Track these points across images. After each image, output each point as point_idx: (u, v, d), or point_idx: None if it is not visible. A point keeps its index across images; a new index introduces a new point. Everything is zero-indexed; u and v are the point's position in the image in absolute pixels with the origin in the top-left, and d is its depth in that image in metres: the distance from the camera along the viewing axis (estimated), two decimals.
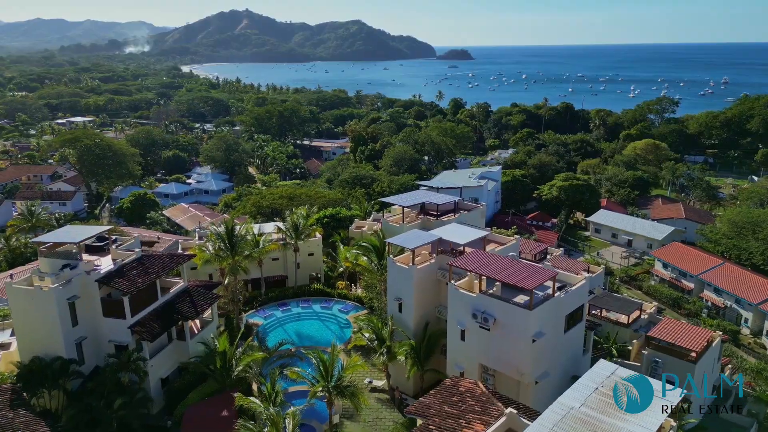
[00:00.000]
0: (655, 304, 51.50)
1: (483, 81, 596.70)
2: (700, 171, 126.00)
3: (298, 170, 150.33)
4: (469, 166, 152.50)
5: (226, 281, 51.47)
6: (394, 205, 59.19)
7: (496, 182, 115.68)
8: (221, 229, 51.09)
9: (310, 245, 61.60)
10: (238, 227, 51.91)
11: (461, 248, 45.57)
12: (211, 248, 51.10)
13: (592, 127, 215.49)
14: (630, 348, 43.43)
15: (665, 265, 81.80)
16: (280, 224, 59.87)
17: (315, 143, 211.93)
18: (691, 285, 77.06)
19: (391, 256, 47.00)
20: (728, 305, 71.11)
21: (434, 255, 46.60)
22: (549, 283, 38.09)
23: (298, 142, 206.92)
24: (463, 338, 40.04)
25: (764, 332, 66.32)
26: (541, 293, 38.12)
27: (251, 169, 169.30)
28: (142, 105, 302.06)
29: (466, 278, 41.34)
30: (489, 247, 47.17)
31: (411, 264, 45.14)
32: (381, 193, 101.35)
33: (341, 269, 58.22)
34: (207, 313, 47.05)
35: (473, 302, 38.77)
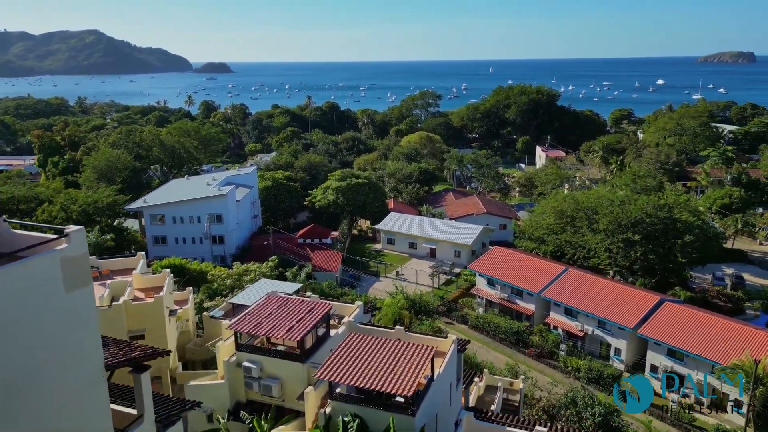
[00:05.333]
0: (523, 376, 24.08)
1: (244, 91, 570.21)
2: (486, 157, 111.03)
3: None
4: None
5: None
6: None
7: (251, 189, 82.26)
8: None
9: None
10: None
11: None
12: None
13: (360, 126, 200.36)
14: None
15: (491, 282, 58.14)
16: None
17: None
18: (532, 307, 54.25)
19: None
20: (589, 332, 49.37)
21: None
22: None
23: None
24: None
25: (647, 368, 45.36)
26: None
27: None
28: None
29: None
30: None
31: None
32: (48, 222, 59.93)
33: None
34: None
35: None
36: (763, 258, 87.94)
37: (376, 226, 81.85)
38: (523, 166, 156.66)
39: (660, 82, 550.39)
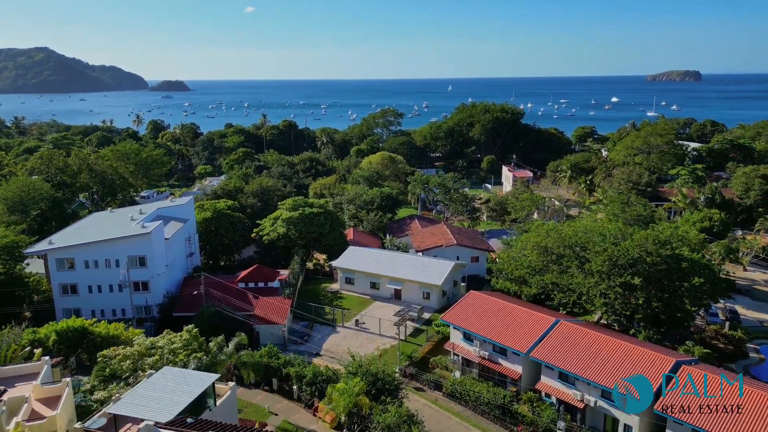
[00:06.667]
0: None
1: (201, 109, 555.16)
2: (453, 180, 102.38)
3: None
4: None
5: None
6: None
7: (186, 222, 70.86)
8: None
9: None
10: None
11: None
12: None
13: (320, 146, 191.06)
14: None
15: (468, 337, 48.64)
16: None
17: None
18: (518, 369, 44.92)
19: None
20: (591, 403, 40.33)
21: None
22: None
23: None
24: None
25: None
26: None
27: None
28: None
29: None
30: None
31: None
32: None
33: None
34: None
35: None
36: (751, 286, 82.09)
37: (333, 263, 71.55)
38: (489, 186, 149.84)
39: (614, 99, 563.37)
